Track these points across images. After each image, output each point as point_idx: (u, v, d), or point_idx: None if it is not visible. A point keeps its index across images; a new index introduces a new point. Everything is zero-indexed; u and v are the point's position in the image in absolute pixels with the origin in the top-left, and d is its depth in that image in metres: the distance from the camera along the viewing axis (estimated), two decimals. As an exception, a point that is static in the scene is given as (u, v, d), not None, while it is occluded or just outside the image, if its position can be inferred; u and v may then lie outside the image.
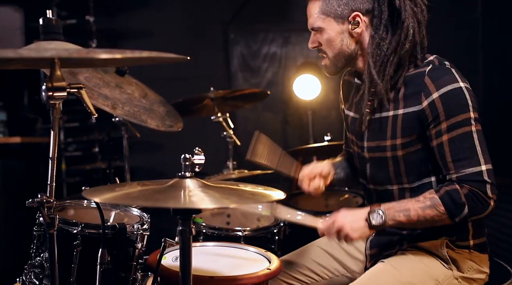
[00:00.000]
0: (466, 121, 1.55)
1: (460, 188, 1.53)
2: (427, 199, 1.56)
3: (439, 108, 1.55)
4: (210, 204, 1.21)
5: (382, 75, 1.62)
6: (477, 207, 1.54)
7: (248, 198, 1.31)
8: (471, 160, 1.54)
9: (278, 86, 4.29)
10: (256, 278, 1.57)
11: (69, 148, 4.09)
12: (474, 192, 1.52)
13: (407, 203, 1.59)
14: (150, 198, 1.21)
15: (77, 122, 4.00)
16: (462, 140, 1.55)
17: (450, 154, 1.56)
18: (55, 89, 1.16)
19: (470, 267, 1.65)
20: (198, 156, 1.27)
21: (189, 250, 1.28)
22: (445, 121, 1.55)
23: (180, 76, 4.16)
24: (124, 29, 4.17)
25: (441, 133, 1.56)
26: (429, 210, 1.55)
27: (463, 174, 1.54)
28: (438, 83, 1.56)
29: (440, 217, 1.55)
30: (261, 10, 4.23)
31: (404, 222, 1.57)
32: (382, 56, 1.61)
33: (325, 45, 1.69)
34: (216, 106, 2.81)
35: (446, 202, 1.53)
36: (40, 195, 1.36)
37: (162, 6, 4.17)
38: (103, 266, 1.51)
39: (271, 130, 4.32)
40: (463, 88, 1.57)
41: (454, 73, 1.59)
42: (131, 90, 2.16)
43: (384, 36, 1.61)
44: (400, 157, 1.65)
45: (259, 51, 4.33)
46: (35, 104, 4.03)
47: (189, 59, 1.26)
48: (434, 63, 1.62)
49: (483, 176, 1.53)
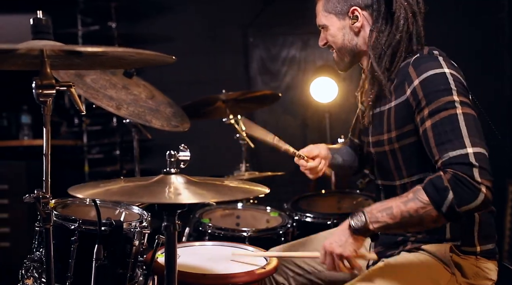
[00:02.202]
0: (448, 104, 1.47)
1: (443, 174, 1.41)
2: (410, 193, 1.46)
3: (419, 94, 1.52)
4: (190, 199, 1.22)
5: (380, 67, 1.63)
6: (465, 194, 1.37)
7: (228, 193, 1.32)
8: (455, 143, 1.43)
9: (297, 89, 4.29)
10: (248, 277, 1.57)
11: (92, 151, 4.20)
12: (458, 176, 1.38)
13: (389, 201, 1.50)
14: (129, 193, 1.23)
15: (99, 126, 4.11)
16: (444, 124, 1.46)
17: (433, 139, 1.48)
18: (44, 87, 1.20)
19: (475, 273, 1.60)
20: (184, 152, 1.29)
21: (174, 245, 1.29)
22: (426, 106, 1.50)
23: (200, 80, 4.22)
24: (145, 34, 4.26)
25: (424, 120, 1.51)
26: (412, 203, 1.43)
27: (447, 158, 1.43)
28: (419, 70, 1.54)
29: (425, 209, 1.41)
30: (280, 13, 4.24)
31: (388, 222, 1.46)
32: (380, 48, 1.63)
33: (330, 41, 1.75)
34: (228, 108, 2.83)
35: (428, 190, 1.41)
36: (36, 191, 1.41)
37: (182, 11, 4.24)
38: (98, 261, 1.54)
39: (290, 133, 4.32)
40: (447, 73, 1.51)
41: (440, 60, 1.56)
42: (138, 92, 2.21)
43: (383, 29, 1.64)
44: (397, 150, 1.64)
45: (278, 54, 4.35)
46: (59, 108, 4.16)
47: (174, 58, 1.27)
48: (422, 53, 1.60)
49: (468, 159, 1.39)
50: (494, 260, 1.64)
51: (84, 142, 4.13)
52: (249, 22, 4.29)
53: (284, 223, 2.42)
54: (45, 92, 1.20)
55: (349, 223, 1.52)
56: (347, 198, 2.91)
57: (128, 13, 4.19)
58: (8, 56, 1.20)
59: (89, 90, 1.97)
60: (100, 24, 4.10)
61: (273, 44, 4.34)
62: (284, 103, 4.33)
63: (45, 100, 1.22)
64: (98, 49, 1.11)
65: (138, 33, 4.27)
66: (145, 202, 1.27)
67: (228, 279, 1.56)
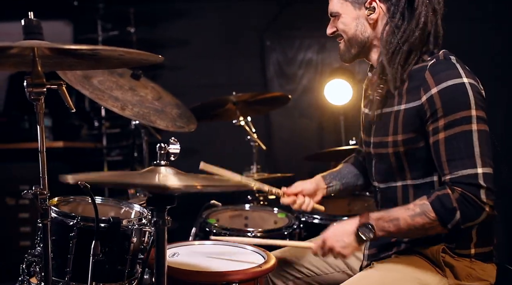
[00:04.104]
0: (465, 119, 1.46)
1: (451, 192, 1.45)
2: (417, 206, 1.48)
3: (437, 104, 1.49)
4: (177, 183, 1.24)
5: (393, 63, 1.59)
6: (470, 212, 1.44)
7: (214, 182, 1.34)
8: (467, 162, 1.45)
9: (314, 92, 4.27)
10: (242, 275, 1.58)
11: (111, 153, 4.28)
12: (466, 196, 1.44)
13: (396, 211, 1.52)
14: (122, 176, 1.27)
15: (118, 128, 4.19)
16: (459, 140, 1.46)
17: (445, 153, 1.48)
18: (35, 85, 1.24)
19: (468, 275, 1.57)
20: (174, 145, 1.31)
21: (163, 241, 1.31)
22: (443, 118, 1.48)
23: (217, 83, 4.26)
24: (162, 39, 4.33)
25: (438, 131, 1.49)
26: (419, 218, 1.47)
27: (456, 176, 1.46)
28: (438, 78, 1.50)
29: (431, 225, 1.47)
30: (296, 17, 4.25)
31: (394, 232, 1.51)
32: (395, 44, 1.59)
33: (341, 30, 1.69)
34: (239, 110, 2.85)
35: (437, 208, 1.45)
36: (34, 187, 1.46)
37: (199, 16, 4.30)
38: (95, 257, 1.57)
39: (307, 136, 4.32)
40: (466, 83, 1.48)
41: (458, 68, 1.52)
42: (144, 93, 2.25)
43: (399, 24, 1.59)
44: (402, 153, 1.60)
45: (295, 57, 4.34)
46: (80, 111, 4.27)
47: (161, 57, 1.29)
48: (439, 58, 1.56)
49: (477, 180, 1.43)
50: (491, 262, 1.60)
51: (104, 145, 4.21)
52: (265, 26, 4.30)
53: (290, 224, 2.42)
54: (36, 91, 1.24)
55: (356, 232, 1.53)
56: (357, 200, 2.89)
57: (146, 18, 4.27)
58: (2, 56, 1.24)
59: (95, 91, 2.02)
60: (119, 29, 4.19)
61: (289, 47, 4.34)
62: (300, 106, 4.33)
63: (37, 98, 1.26)
64: (87, 47, 1.14)
65: (156, 38, 4.35)
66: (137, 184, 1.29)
67: (222, 277, 1.57)
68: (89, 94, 1.98)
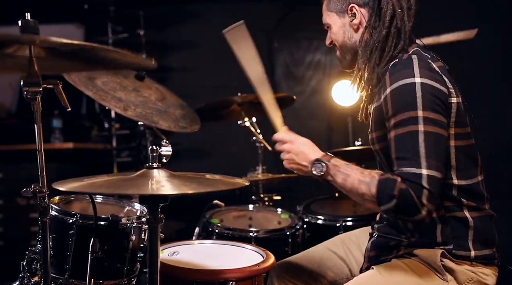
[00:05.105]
0: (411, 119, 1.46)
1: (400, 181, 1.43)
2: (368, 176, 1.50)
3: (388, 104, 1.53)
4: (172, 191, 1.26)
5: (370, 63, 1.64)
6: (405, 209, 1.43)
7: (208, 184, 1.35)
8: (411, 161, 1.44)
9: (323, 93, 4.26)
10: (239, 273, 1.59)
11: (121, 154, 4.32)
12: (408, 192, 1.41)
13: (353, 170, 1.54)
14: (115, 186, 1.28)
15: (128, 130, 4.23)
16: (405, 139, 1.47)
17: (394, 150, 1.50)
18: (31, 85, 1.26)
19: (469, 278, 1.55)
20: (166, 147, 1.32)
21: (156, 238, 1.33)
22: (393, 117, 1.51)
23: (225, 84, 4.27)
24: (171, 41, 4.37)
25: (390, 129, 1.53)
26: (363, 186, 1.49)
27: (401, 172, 1.45)
28: (393, 78, 1.54)
29: (369, 198, 1.48)
30: (304, 18, 4.23)
31: (339, 183, 1.55)
32: (371, 45, 1.64)
33: (334, 39, 1.77)
34: (244, 111, 2.86)
35: (379, 187, 1.46)
36: (34, 185, 1.48)
37: (208, 18, 4.32)
38: (94, 254, 1.59)
39: (316, 138, 4.27)
40: (417, 83, 1.48)
41: (415, 67, 1.52)
42: (148, 94, 2.27)
43: (376, 25, 1.65)
44: (379, 150, 1.66)
45: (303, 59, 4.34)
46: (91, 113, 4.33)
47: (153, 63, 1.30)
48: (401, 57, 1.60)
49: (421, 180, 1.41)
50: (492, 265, 1.58)
51: (113, 146, 4.26)
52: (273, 27, 4.31)
53: (294, 224, 2.42)
54: (32, 90, 1.26)
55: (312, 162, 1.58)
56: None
57: (155, 20, 4.31)
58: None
59: (98, 91, 2.05)
60: (129, 32, 4.23)
61: (297, 48, 4.34)
62: (309, 108, 4.32)
63: (33, 97, 1.28)
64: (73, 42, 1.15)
65: (165, 40, 4.38)
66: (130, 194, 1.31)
67: (219, 275, 1.58)
68: (92, 94, 2.00)
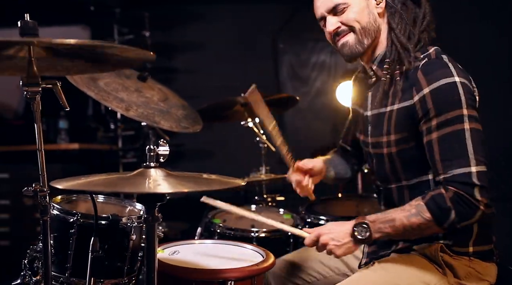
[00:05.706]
0: (457, 118, 1.47)
1: (445, 191, 1.45)
2: (412, 207, 1.49)
3: (429, 104, 1.50)
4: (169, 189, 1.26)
5: (409, 37, 1.61)
6: (464, 211, 1.44)
7: (204, 183, 1.35)
8: (460, 161, 1.45)
9: (328, 94, 4.26)
10: (239, 273, 1.59)
11: (126, 155, 4.34)
12: (459, 194, 1.43)
13: (392, 213, 1.53)
14: (112, 184, 1.29)
15: (133, 131, 4.25)
16: (452, 139, 1.47)
17: (439, 153, 1.49)
18: (30, 85, 1.28)
19: (468, 273, 1.56)
20: (163, 147, 1.33)
21: (153, 237, 1.34)
22: (435, 118, 1.49)
23: (230, 85, 4.27)
24: (177, 43, 4.39)
25: (431, 131, 1.50)
26: (414, 218, 1.48)
27: (450, 175, 1.46)
28: (430, 78, 1.51)
29: (427, 225, 1.47)
30: (309, 19, 4.23)
31: (390, 233, 1.52)
32: (405, 25, 1.61)
33: (352, 19, 1.63)
34: (247, 112, 2.86)
35: (431, 208, 1.46)
36: (34, 184, 1.50)
37: (213, 19, 4.34)
38: (94, 253, 1.60)
39: (321, 138, 4.30)
40: (458, 83, 1.49)
41: (450, 67, 1.53)
42: (150, 94, 2.28)
43: (405, 9, 1.63)
44: (394, 154, 1.62)
45: (308, 60, 4.34)
46: (97, 114, 4.35)
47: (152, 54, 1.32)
48: (430, 57, 1.57)
49: (471, 178, 1.43)
50: (490, 261, 1.58)
51: (119, 147, 4.28)
52: (278, 28, 4.32)
53: (296, 225, 2.42)
54: (32, 90, 1.28)
55: (353, 232, 1.54)
56: (366, 202, 2.87)
57: (161, 22, 4.33)
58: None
59: (100, 92, 2.06)
60: (135, 33, 4.26)
61: (302, 49, 4.35)
62: (314, 108, 4.32)
63: (33, 97, 1.30)
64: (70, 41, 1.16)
65: (170, 41, 4.40)
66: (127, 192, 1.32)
67: (218, 274, 1.58)
68: (94, 95, 2.02)
